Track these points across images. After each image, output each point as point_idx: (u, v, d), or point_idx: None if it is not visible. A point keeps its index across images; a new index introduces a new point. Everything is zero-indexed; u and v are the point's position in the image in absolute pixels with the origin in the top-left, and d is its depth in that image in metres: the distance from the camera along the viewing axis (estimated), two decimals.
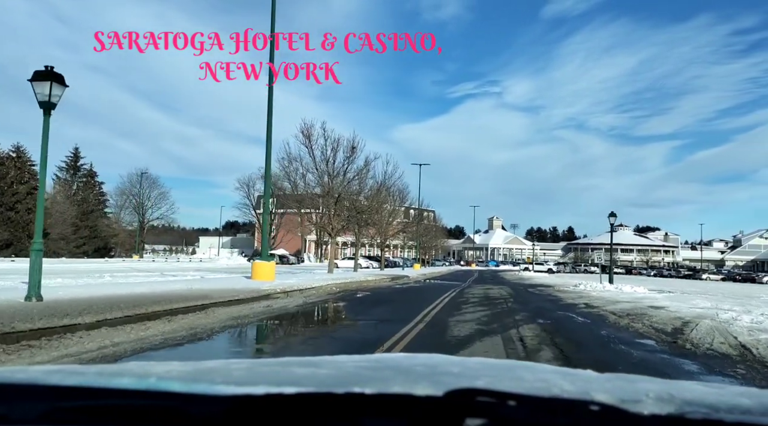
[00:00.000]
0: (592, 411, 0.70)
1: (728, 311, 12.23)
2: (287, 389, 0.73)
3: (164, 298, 10.49)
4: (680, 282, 49.07)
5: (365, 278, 23.89)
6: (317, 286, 17.06)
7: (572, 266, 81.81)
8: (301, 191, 29.61)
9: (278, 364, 1.10)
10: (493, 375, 1.00)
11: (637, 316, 11.99)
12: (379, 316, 10.73)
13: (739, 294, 26.79)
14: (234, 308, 10.55)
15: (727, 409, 0.75)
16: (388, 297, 15.96)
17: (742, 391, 0.99)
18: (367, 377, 0.90)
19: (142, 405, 0.77)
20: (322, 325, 9.98)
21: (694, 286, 36.78)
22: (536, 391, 0.77)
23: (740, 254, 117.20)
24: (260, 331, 8.65)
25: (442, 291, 19.24)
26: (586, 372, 1.06)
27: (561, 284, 28.25)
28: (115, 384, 0.81)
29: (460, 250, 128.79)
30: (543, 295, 20.39)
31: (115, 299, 9.78)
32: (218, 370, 0.99)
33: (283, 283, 16.45)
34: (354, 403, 0.73)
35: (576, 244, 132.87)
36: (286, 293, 14.25)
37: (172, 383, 0.81)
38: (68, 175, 68.60)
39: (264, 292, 13.32)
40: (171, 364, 1.01)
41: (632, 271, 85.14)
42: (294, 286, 15.87)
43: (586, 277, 42.94)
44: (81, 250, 61.18)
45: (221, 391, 0.76)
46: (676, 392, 0.79)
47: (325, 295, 15.42)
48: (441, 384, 0.75)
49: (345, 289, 18.03)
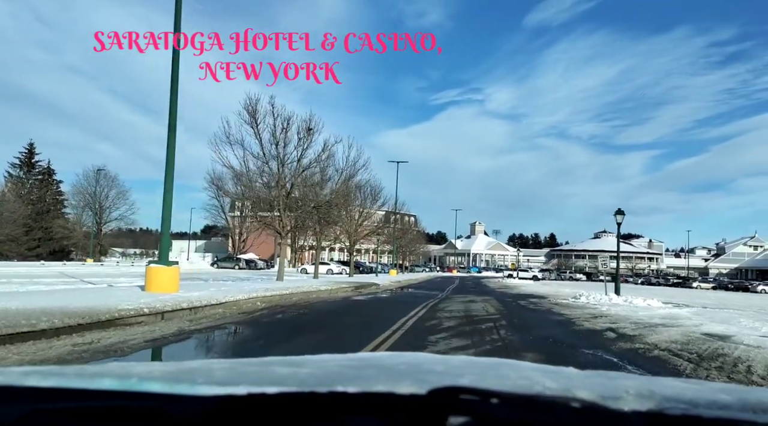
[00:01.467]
0: (573, 408, 0.70)
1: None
2: (269, 389, 0.73)
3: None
4: (675, 291, 45.74)
5: (319, 288, 18.94)
6: (233, 301, 12.10)
7: (557, 273, 77.72)
8: (246, 184, 24.41)
9: (260, 363, 1.09)
10: (477, 373, 1.01)
11: (711, 355, 7.35)
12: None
13: (755, 306, 23.02)
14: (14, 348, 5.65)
15: (706, 405, 0.76)
16: (327, 317, 11.06)
17: (722, 387, 0.99)
18: (350, 376, 0.90)
19: (124, 406, 0.76)
20: None
21: (698, 297, 32.94)
22: (519, 388, 0.79)
23: (724, 262, 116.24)
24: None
25: (411, 306, 14.40)
26: (568, 369, 1.08)
27: (555, 295, 23.72)
28: (96, 385, 0.79)
29: (442, 256, 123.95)
30: (541, 311, 15.66)
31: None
32: (200, 370, 0.98)
33: (184, 296, 11.46)
34: (337, 402, 0.72)
35: (559, 250, 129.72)
36: (161, 315, 9.23)
37: (154, 384, 0.80)
38: (22, 172, 63.00)
39: (124, 314, 8.39)
40: (152, 364, 1.01)
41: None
42: (195, 300, 10.90)
43: (578, 286, 38.64)
44: (34, 253, 55.81)
45: (203, 391, 0.75)
46: (656, 388, 0.81)
47: (233, 317, 10.47)
48: (424, 382, 0.75)
49: (275, 305, 13.10)
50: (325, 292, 18.68)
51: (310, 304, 14.06)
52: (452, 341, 8.10)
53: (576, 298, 21.08)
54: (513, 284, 40.96)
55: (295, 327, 9.31)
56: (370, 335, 8.10)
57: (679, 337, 9.40)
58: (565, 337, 9.50)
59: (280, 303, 13.73)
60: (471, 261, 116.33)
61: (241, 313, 11.13)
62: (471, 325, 10.42)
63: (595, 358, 7.24)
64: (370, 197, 36.66)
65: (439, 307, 14.76)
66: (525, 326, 11.05)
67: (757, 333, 10.36)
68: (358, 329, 9.18)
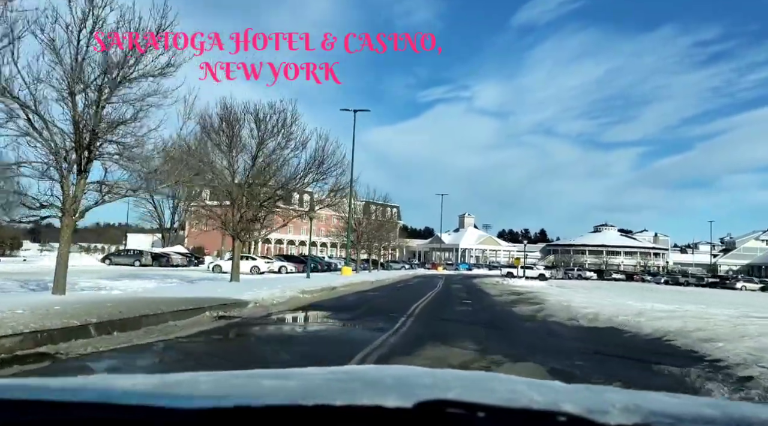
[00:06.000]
0: (560, 421, 0.70)
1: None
2: (255, 402, 0.72)
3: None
4: (724, 294, 34.28)
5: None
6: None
7: (564, 271, 65.45)
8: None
9: (246, 376, 1.07)
10: (464, 386, 1.00)
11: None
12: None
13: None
14: None
15: (692, 419, 0.77)
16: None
17: (708, 402, 1.00)
18: (336, 389, 0.90)
19: (107, 418, 0.74)
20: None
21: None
22: (506, 402, 0.78)
23: (734, 258, 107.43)
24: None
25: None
26: (555, 383, 1.07)
27: (647, 324, 11.24)
28: (80, 397, 0.78)
29: (427, 251, 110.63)
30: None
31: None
32: (185, 382, 0.97)
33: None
34: (323, 415, 0.72)
35: (557, 245, 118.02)
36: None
37: (139, 396, 0.79)
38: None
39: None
40: (136, 377, 1.00)
41: (633, 277, 69.96)
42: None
43: (617, 291, 26.59)
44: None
45: (188, 404, 0.74)
46: (642, 402, 0.80)
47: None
48: (411, 395, 0.74)
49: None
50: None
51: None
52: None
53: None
54: (521, 287, 28.45)
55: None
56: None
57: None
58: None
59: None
60: (459, 257, 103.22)
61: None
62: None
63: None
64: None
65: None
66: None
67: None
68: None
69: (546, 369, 6.38)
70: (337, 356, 6.76)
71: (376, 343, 7.71)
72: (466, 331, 10.12)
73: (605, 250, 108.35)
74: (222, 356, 7.01)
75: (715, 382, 5.90)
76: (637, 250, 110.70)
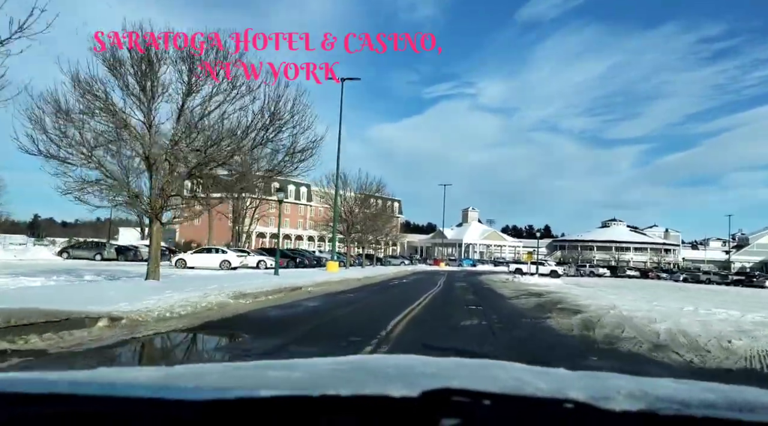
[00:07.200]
0: (565, 408, 0.70)
1: None
2: (261, 393, 0.73)
3: None
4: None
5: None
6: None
7: (576, 268, 61.04)
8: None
9: (252, 367, 1.08)
10: (468, 375, 1.02)
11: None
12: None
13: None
14: None
15: (697, 405, 0.77)
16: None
17: (711, 386, 0.99)
18: (342, 379, 0.90)
19: (113, 411, 0.74)
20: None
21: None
22: (511, 390, 0.79)
23: (748, 254, 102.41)
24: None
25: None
26: (559, 370, 1.06)
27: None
28: (85, 391, 0.77)
29: (429, 247, 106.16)
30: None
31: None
32: (191, 374, 0.97)
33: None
34: (329, 405, 0.72)
35: (564, 240, 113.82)
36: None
37: (145, 389, 0.79)
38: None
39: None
40: (142, 369, 1.01)
41: (648, 274, 65.55)
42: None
43: (647, 291, 22.41)
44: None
45: (195, 396, 0.74)
46: (648, 389, 0.81)
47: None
48: (416, 385, 0.74)
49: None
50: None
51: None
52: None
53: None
54: (541, 289, 24.22)
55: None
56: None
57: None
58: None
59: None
60: (463, 252, 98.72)
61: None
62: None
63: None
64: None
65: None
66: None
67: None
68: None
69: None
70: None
71: None
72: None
73: (614, 245, 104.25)
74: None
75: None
76: (648, 246, 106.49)
